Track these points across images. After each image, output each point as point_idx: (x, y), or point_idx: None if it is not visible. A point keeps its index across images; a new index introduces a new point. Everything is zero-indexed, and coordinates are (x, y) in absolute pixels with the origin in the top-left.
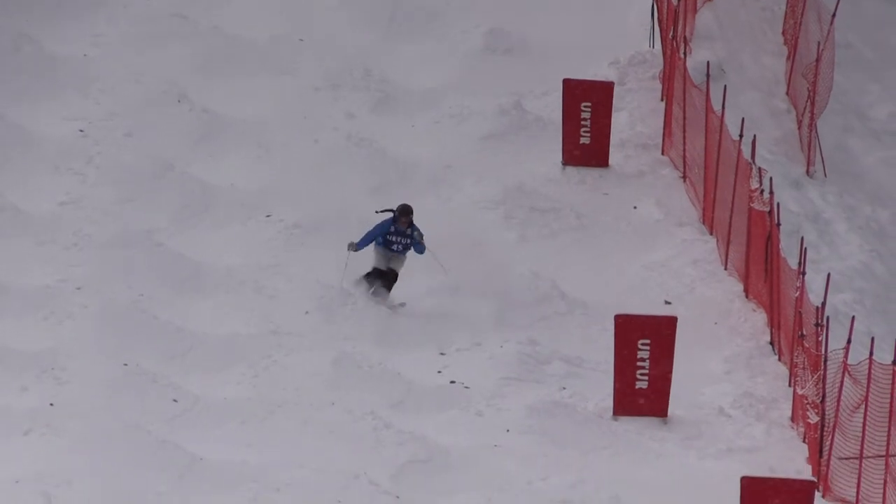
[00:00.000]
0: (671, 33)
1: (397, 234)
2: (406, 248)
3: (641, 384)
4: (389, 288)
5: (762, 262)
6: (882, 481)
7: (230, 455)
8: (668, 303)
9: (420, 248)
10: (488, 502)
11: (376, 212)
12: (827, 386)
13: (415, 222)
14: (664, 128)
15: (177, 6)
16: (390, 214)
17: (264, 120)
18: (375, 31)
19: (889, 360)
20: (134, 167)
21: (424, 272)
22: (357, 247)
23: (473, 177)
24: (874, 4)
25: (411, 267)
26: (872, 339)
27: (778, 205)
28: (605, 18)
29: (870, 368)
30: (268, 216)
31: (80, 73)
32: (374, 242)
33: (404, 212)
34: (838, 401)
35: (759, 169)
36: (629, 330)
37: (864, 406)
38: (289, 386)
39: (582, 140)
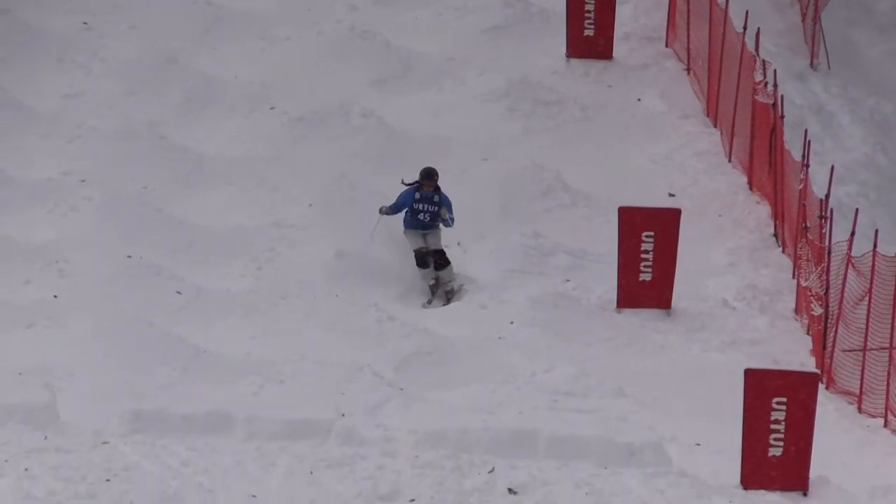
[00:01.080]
0: None
1: (423, 200)
2: (434, 216)
3: (645, 276)
4: (445, 264)
5: (766, 155)
6: (885, 373)
7: (233, 347)
8: (671, 195)
9: (448, 223)
10: (492, 394)
11: (402, 182)
12: (831, 278)
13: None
14: (668, 20)
15: None
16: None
17: (267, 12)
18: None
19: (893, 251)
20: (138, 60)
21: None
22: (390, 210)
23: (477, 69)
24: None
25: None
26: (876, 232)
27: (782, 97)
28: None
29: (874, 260)
30: (271, 108)
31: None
32: (404, 227)
33: (428, 175)
34: (842, 293)
35: (763, 61)
36: (633, 222)
37: (867, 298)
38: (291, 278)
39: (586, 32)
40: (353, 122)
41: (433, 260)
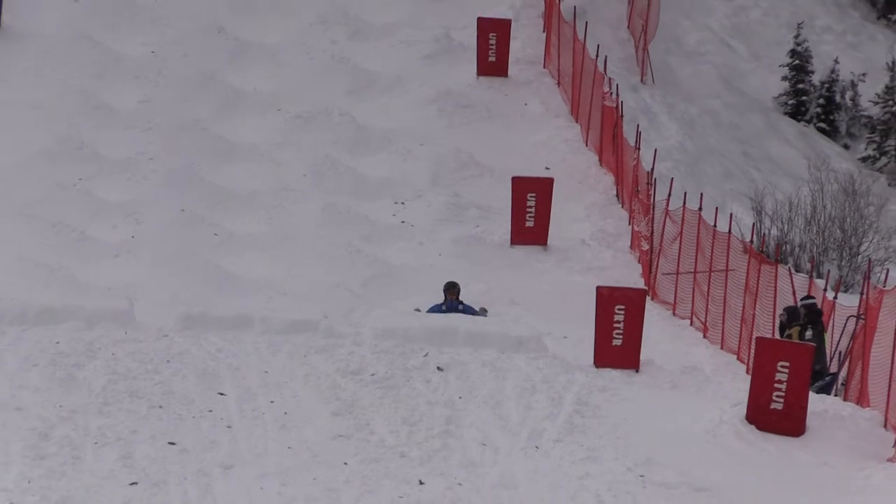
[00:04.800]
0: None
1: (450, 309)
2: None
3: (529, 223)
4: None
5: (610, 141)
6: (691, 289)
7: (252, 271)
8: (547, 168)
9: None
10: (428, 303)
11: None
12: (654, 225)
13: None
14: (545, 50)
15: None
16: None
17: (275, 44)
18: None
19: (696, 207)
20: (188, 77)
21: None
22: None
23: (417, 83)
24: None
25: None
26: (685, 194)
27: (621, 102)
28: None
29: (683, 213)
30: (278, 110)
31: (154, 14)
32: None
33: (449, 288)
34: (662, 235)
35: (609, 78)
36: (521, 187)
37: (679, 239)
38: (292, 225)
39: (490, 59)
40: (333, 119)
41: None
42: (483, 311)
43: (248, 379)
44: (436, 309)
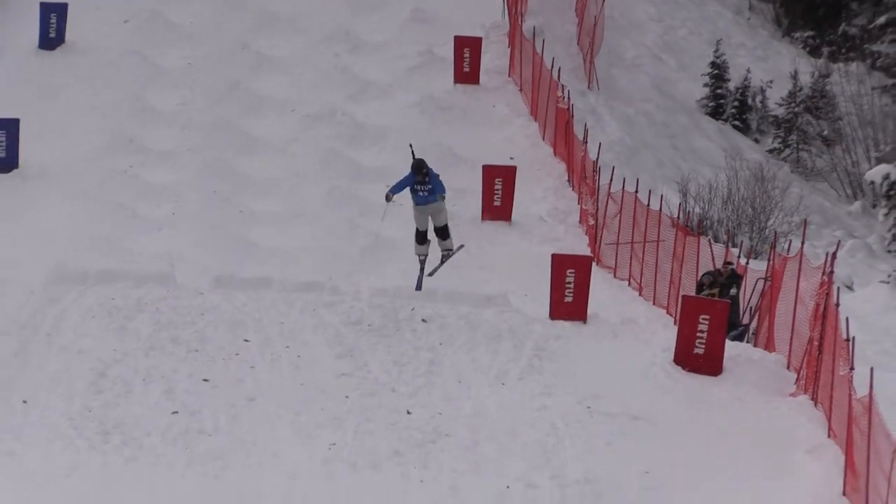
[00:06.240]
0: (515, 10)
1: (419, 183)
2: (432, 192)
3: (497, 203)
4: (446, 237)
5: (563, 136)
6: (629, 256)
7: (271, 241)
8: (511, 158)
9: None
10: (413, 271)
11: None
12: (598, 204)
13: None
14: (510, 62)
15: None
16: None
17: (289, 56)
18: (351, 9)
19: (632, 189)
20: (218, 85)
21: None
22: (391, 192)
23: (404, 89)
24: None
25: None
26: (624, 179)
27: (572, 105)
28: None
29: (622, 194)
30: (292, 111)
31: (189, 33)
32: (413, 202)
33: (417, 168)
34: (605, 212)
35: (562, 85)
36: (490, 174)
37: (619, 215)
38: (302, 205)
39: (464, 69)
40: (336, 118)
41: (437, 233)
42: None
43: (268, 328)
44: (407, 181)
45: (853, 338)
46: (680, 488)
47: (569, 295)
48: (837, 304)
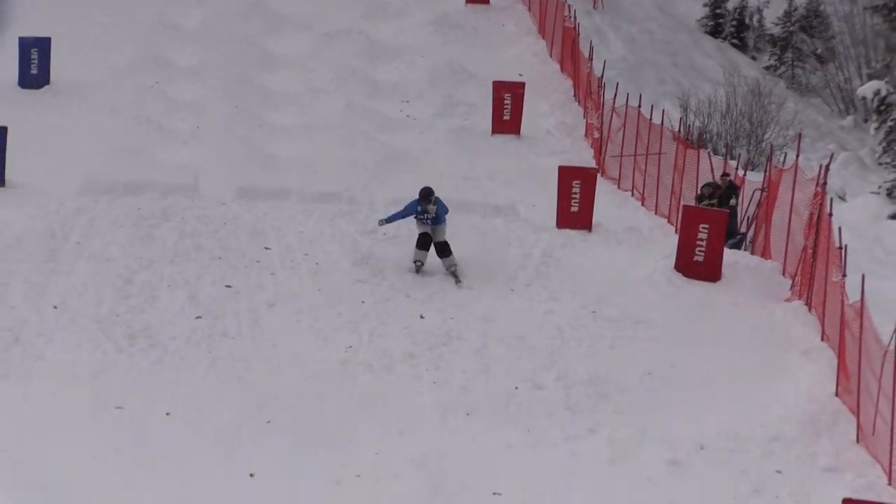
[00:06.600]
0: None
1: (423, 212)
2: (437, 219)
3: (506, 117)
4: (447, 254)
5: (569, 54)
6: (632, 168)
7: (291, 154)
8: (520, 75)
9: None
10: (426, 179)
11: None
12: (603, 118)
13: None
14: None
15: None
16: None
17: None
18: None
19: (635, 104)
20: (240, 4)
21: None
22: (386, 222)
23: (419, 9)
24: None
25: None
26: (627, 95)
27: (578, 24)
28: None
29: (626, 109)
30: (310, 29)
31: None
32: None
33: (424, 196)
34: (609, 125)
35: (568, 5)
36: (500, 90)
37: (622, 129)
38: (321, 118)
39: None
40: (353, 37)
41: (437, 249)
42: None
43: (287, 237)
44: (410, 209)
45: (845, 246)
46: (680, 389)
47: (575, 205)
48: (830, 214)
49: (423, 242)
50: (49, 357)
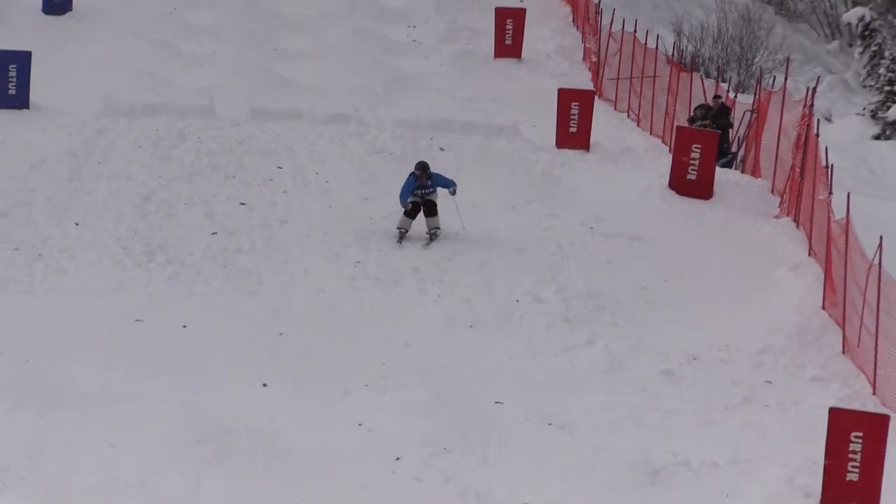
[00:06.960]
0: None
1: (420, 187)
2: (429, 193)
3: (508, 42)
4: (433, 214)
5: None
6: (628, 90)
7: (302, 77)
8: (521, 1)
9: (449, 187)
10: (432, 102)
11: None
12: (600, 42)
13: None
14: None
15: None
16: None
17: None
18: None
19: (631, 30)
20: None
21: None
22: (404, 201)
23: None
24: None
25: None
26: (623, 20)
27: None
28: None
29: (622, 34)
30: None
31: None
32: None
33: (421, 169)
34: (606, 49)
35: None
36: (502, 15)
37: (619, 53)
38: (331, 43)
39: None
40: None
41: (425, 209)
42: (452, 184)
43: (299, 156)
44: (409, 185)
45: (831, 165)
46: (673, 302)
47: (573, 126)
48: (817, 135)
49: (411, 212)
50: (71, 272)
